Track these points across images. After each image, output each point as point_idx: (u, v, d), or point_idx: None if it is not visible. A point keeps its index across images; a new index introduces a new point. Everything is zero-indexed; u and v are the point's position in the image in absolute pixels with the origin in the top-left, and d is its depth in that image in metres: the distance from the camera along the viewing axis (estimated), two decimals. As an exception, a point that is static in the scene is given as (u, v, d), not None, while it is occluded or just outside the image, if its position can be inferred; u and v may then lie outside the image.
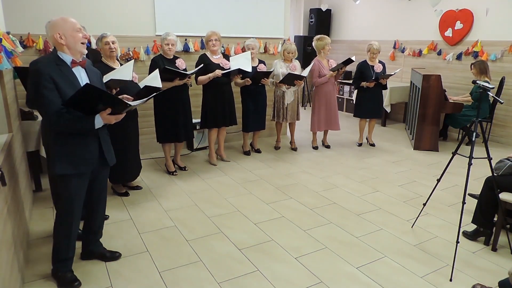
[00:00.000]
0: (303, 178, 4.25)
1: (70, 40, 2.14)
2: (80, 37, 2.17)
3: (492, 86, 2.71)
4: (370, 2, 7.57)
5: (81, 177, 2.28)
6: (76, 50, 2.18)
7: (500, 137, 5.73)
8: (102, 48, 3.28)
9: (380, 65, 5.20)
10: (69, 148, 2.20)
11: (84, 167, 2.26)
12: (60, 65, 2.13)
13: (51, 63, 2.11)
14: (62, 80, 2.10)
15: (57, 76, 2.09)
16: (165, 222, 3.20)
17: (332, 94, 5.11)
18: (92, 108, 2.14)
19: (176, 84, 3.85)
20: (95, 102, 2.12)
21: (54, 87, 2.07)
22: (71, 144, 2.20)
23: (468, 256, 2.75)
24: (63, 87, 2.10)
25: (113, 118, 2.21)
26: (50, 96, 2.06)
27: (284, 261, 2.66)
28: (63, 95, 2.09)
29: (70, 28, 2.13)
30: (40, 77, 2.05)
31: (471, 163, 2.62)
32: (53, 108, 2.07)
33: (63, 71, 2.13)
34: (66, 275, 2.36)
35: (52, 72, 2.08)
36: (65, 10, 4.06)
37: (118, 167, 3.53)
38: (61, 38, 2.12)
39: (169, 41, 3.87)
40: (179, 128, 4.07)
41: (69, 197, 2.27)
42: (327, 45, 4.98)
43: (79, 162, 2.23)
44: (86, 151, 2.25)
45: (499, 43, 5.58)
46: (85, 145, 2.25)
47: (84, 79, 2.24)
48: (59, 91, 2.09)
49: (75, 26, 2.16)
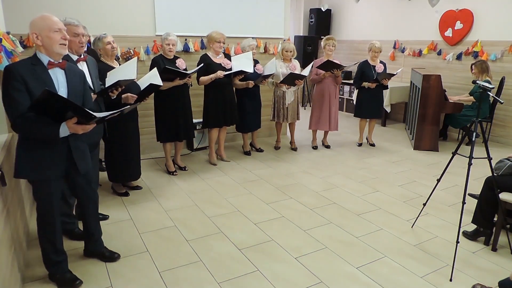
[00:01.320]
0: (303, 178, 4.25)
1: (46, 41, 2.03)
2: (58, 38, 2.05)
3: (492, 86, 2.71)
4: (370, 2, 7.57)
5: (49, 182, 2.16)
6: (53, 52, 2.06)
7: (500, 137, 5.74)
8: (104, 48, 3.28)
9: (381, 65, 5.19)
10: (32, 153, 2.08)
11: (48, 174, 2.13)
12: (35, 65, 2.03)
13: (27, 64, 2.02)
14: (34, 81, 1.99)
15: (29, 77, 1.98)
16: (165, 222, 3.20)
17: (329, 94, 5.08)
18: (61, 115, 2.00)
19: (176, 84, 3.86)
20: (63, 110, 1.97)
21: (24, 88, 1.96)
22: (36, 149, 2.09)
23: (468, 256, 2.75)
24: (35, 89, 1.98)
25: (79, 128, 2.05)
26: (17, 98, 1.95)
27: (284, 261, 2.66)
28: (33, 98, 1.97)
29: (46, 29, 2.02)
30: (9, 77, 1.95)
31: (471, 163, 2.62)
32: (19, 111, 1.95)
33: (38, 72, 2.02)
34: (65, 275, 2.36)
35: (24, 72, 1.97)
36: (65, 10, 4.06)
37: (119, 167, 3.57)
38: (37, 38, 2.03)
39: (170, 41, 3.87)
40: (180, 127, 4.07)
41: (43, 202, 2.20)
42: (327, 45, 4.98)
43: (42, 168, 2.11)
44: (51, 157, 2.12)
45: (499, 43, 5.58)
46: (51, 151, 2.12)
47: (62, 81, 2.12)
48: (29, 93, 1.98)
49: (53, 26, 2.04)
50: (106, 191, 3.75)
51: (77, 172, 2.28)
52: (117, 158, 3.53)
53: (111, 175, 3.64)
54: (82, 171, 2.28)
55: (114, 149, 3.51)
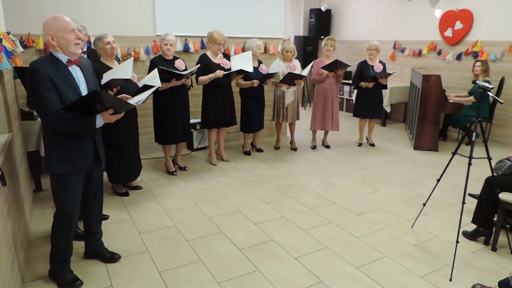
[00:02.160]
0: (303, 178, 4.25)
1: (61, 42, 2.09)
2: (73, 38, 2.10)
3: (492, 86, 2.72)
4: (370, 2, 7.57)
5: (77, 176, 2.26)
6: (69, 52, 2.12)
7: (500, 137, 5.74)
8: (103, 48, 3.27)
9: (381, 65, 5.18)
10: (66, 148, 2.18)
11: (80, 166, 2.24)
12: (56, 64, 2.09)
13: (48, 63, 2.08)
14: (60, 79, 2.07)
15: (54, 76, 2.05)
16: (165, 222, 3.20)
17: (331, 94, 5.09)
18: (91, 108, 2.12)
19: (173, 85, 3.85)
20: (96, 104, 2.10)
21: (52, 86, 2.04)
22: (68, 144, 2.18)
23: (468, 256, 2.76)
24: (61, 86, 2.07)
25: (113, 117, 2.20)
26: (49, 96, 2.03)
27: (284, 261, 2.66)
28: (61, 95, 2.07)
29: (61, 29, 2.07)
30: (38, 76, 2.01)
31: (471, 163, 2.62)
32: (53, 109, 2.04)
33: (60, 70, 2.10)
34: (66, 275, 2.36)
35: (49, 71, 2.04)
36: (65, 10, 4.07)
37: (118, 167, 3.57)
38: (53, 40, 2.08)
39: (168, 41, 3.86)
40: (177, 129, 4.06)
41: (67, 198, 2.25)
42: (325, 45, 4.98)
43: (75, 161, 2.21)
44: (83, 150, 2.24)
45: (499, 43, 5.59)
46: (82, 144, 2.23)
47: (81, 77, 2.22)
48: (57, 90, 2.06)
49: (67, 27, 2.08)
50: (106, 191, 3.73)
51: (97, 165, 2.40)
52: (117, 158, 3.53)
53: (111, 176, 3.63)
54: (103, 161, 2.43)
55: (114, 149, 3.51)
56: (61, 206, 2.28)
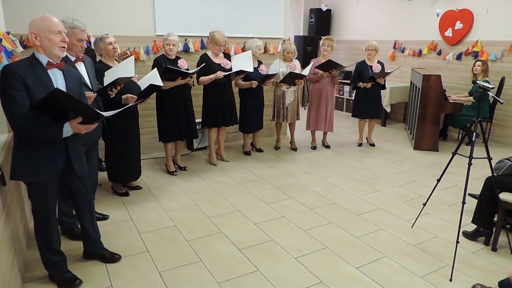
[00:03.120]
0: (303, 178, 4.25)
1: (45, 42, 2.00)
2: (58, 40, 2.01)
3: (492, 86, 2.71)
4: (370, 2, 7.57)
5: (45, 185, 2.13)
6: (52, 54, 2.03)
7: (500, 137, 5.74)
8: (105, 49, 3.27)
9: (379, 65, 5.18)
10: (30, 154, 2.04)
11: (45, 176, 2.09)
12: (34, 65, 2.00)
13: (25, 64, 1.98)
14: (34, 81, 1.96)
15: (28, 77, 1.94)
16: (165, 222, 3.20)
17: (326, 94, 5.05)
18: (63, 115, 1.99)
19: (178, 84, 3.87)
20: (65, 109, 1.96)
21: (23, 88, 1.92)
22: (33, 150, 2.04)
23: (468, 256, 2.76)
24: (34, 89, 1.95)
25: (83, 128, 2.04)
26: (17, 97, 1.91)
27: (284, 261, 2.66)
28: (33, 98, 1.94)
29: (46, 30, 1.99)
30: (8, 76, 1.91)
31: (471, 163, 2.62)
32: (20, 110, 1.92)
33: (37, 72, 1.99)
34: (64, 275, 2.35)
35: (23, 72, 1.94)
36: (65, 10, 4.06)
37: (119, 167, 3.57)
38: (36, 39, 1.99)
39: (170, 41, 3.87)
40: (181, 126, 4.08)
41: (39, 204, 2.18)
42: (323, 45, 4.98)
43: (39, 171, 2.06)
44: (49, 159, 2.09)
45: (499, 43, 5.58)
46: (49, 153, 2.08)
47: (60, 83, 2.09)
48: (29, 93, 1.94)
49: (53, 28, 2.00)
50: (106, 191, 3.75)
51: (73, 175, 2.25)
52: (117, 158, 3.53)
53: (111, 175, 3.63)
54: (78, 173, 2.26)
55: (114, 149, 3.51)
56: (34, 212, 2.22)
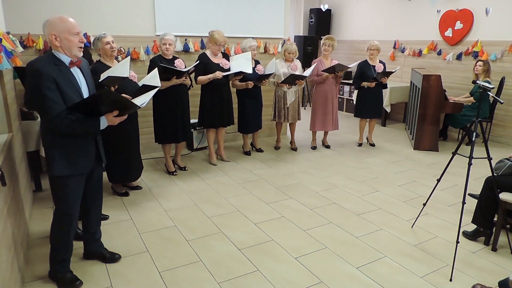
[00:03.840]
0: (303, 178, 4.25)
1: (65, 43, 2.07)
2: (77, 42, 2.09)
3: (492, 86, 2.71)
4: (370, 2, 7.57)
5: (79, 177, 2.25)
6: (71, 54, 2.11)
7: (500, 137, 5.73)
8: (103, 48, 3.27)
9: (381, 65, 5.18)
10: (68, 149, 2.16)
11: (83, 167, 2.24)
12: (58, 65, 2.07)
13: (50, 63, 2.04)
14: (62, 80, 2.05)
15: (57, 77, 2.03)
16: (165, 222, 3.20)
17: (331, 94, 5.09)
18: (97, 109, 2.11)
19: (174, 83, 3.85)
20: (101, 105, 2.10)
21: (56, 87, 2.01)
22: (71, 145, 2.17)
23: (468, 256, 2.75)
24: (64, 88, 2.05)
25: (117, 120, 2.21)
26: (53, 97, 2.00)
27: (284, 261, 2.66)
28: (64, 96, 2.05)
29: (66, 31, 2.06)
30: (40, 77, 1.98)
31: (471, 163, 2.62)
32: (57, 110, 2.02)
33: (63, 72, 2.08)
34: (65, 275, 2.36)
35: (53, 72, 2.02)
36: (65, 10, 4.06)
37: (119, 167, 3.57)
38: (56, 40, 2.05)
39: (166, 41, 3.86)
40: (177, 129, 4.06)
41: (68, 199, 2.24)
42: (324, 44, 4.98)
43: (78, 163, 2.20)
44: (85, 151, 2.24)
45: (499, 43, 5.58)
46: (84, 145, 2.23)
47: (82, 79, 2.21)
48: (60, 92, 2.03)
49: (72, 29, 2.07)
50: (106, 191, 3.74)
51: (98, 165, 2.40)
52: (117, 158, 3.52)
53: (111, 176, 3.63)
54: (104, 162, 2.43)
55: (114, 150, 3.50)
56: (61, 207, 2.27)
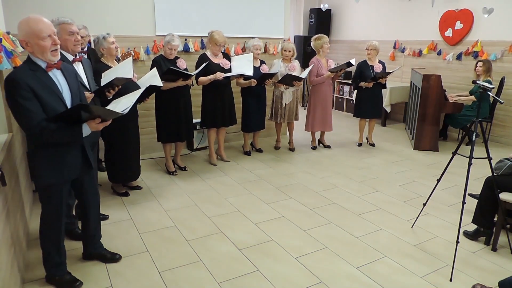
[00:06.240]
0: (303, 178, 4.25)
1: (36, 49, 1.95)
2: (48, 45, 1.95)
3: (492, 86, 2.71)
4: (370, 2, 7.57)
5: (64, 185, 2.18)
6: (46, 59, 1.99)
7: (500, 137, 5.73)
8: (108, 48, 3.27)
9: (380, 65, 5.18)
10: (53, 157, 2.08)
11: (69, 174, 2.17)
12: (35, 70, 1.96)
13: (26, 70, 1.94)
14: (40, 87, 1.94)
15: (34, 84, 1.92)
16: (165, 222, 3.20)
17: (328, 94, 5.11)
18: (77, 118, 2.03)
19: (179, 85, 3.86)
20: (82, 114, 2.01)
21: (32, 96, 1.90)
22: (55, 153, 2.08)
23: (468, 256, 2.76)
24: (42, 94, 1.94)
25: (101, 125, 2.11)
26: (29, 107, 1.89)
27: (284, 261, 2.66)
28: (43, 103, 1.94)
29: (34, 36, 1.91)
30: (14, 87, 1.87)
31: (471, 163, 2.62)
32: (34, 119, 1.90)
33: (40, 77, 1.96)
34: (64, 277, 2.35)
35: (28, 80, 1.90)
36: (65, 10, 4.06)
37: (119, 167, 3.57)
38: (27, 45, 1.94)
39: (173, 46, 3.85)
40: (181, 128, 4.07)
41: (55, 205, 2.19)
42: (325, 44, 4.98)
43: (62, 171, 2.12)
44: (70, 157, 2.14)
45: (499, 43, 5.58)
46: (68, 152, 2.13)
47: (62, 82, 2.09)
48: (38, 99, 1.92)
49: (40, 33, 1.92)
50: (106, 191, 3.75)
51: (87, 171, 2.31)
52: (117, 158, 3.53)
53: (111, 175, 3.63)
54: (93, 166, 2.34)
55: (114, 149, 3.51)
56: (47, 211, 2.23)
